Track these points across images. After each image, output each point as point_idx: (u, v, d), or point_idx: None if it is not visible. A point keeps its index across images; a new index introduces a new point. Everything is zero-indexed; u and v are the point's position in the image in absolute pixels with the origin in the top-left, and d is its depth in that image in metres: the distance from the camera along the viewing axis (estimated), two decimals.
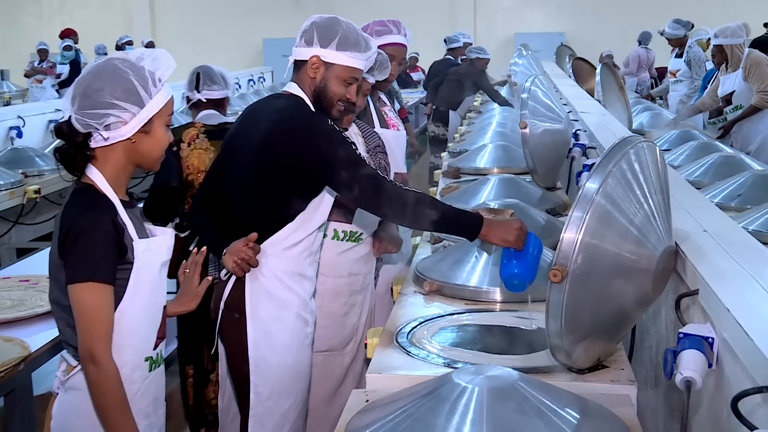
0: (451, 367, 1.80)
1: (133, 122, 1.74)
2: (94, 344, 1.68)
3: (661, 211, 1.70)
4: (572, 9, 14.05)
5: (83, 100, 1.72)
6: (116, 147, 1.75)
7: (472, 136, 5.08)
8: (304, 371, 2.32)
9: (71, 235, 1.68)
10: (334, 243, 2.58)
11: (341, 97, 2.24)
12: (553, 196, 3.33)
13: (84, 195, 1.74)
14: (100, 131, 1.72)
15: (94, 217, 1.70)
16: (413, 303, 2.26)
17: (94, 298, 1.68)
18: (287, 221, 2.21)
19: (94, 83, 1.72)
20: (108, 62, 1.77)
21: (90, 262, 1.68)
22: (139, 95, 1.73)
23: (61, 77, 10.75)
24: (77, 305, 1.68)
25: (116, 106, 1.71)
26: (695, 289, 1.65)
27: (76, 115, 1.72)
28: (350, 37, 2.21)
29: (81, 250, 1.68)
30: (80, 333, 1.69)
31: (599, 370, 1.76)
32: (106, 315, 1.70)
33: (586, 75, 7.28)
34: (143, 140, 1.77)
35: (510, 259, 2.02)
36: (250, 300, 2.24)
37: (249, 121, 2.29)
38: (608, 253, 1.60)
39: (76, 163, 1.75)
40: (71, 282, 1.68)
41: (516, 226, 2.04)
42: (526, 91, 3.38)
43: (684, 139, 4.48)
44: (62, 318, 1.77)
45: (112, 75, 1.73)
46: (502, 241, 2.03)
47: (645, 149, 1.68)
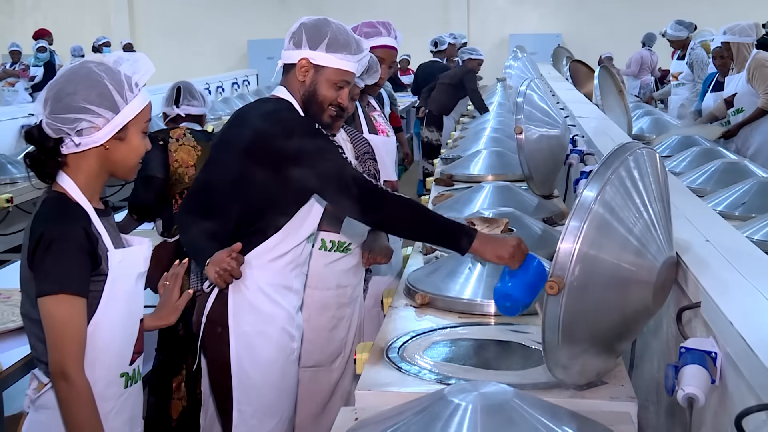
0: (443, 383, 1.79)
1: (107, 128, 1.73)
2: (65, 360, 1.67)
3: (662, 221, 1.71)
4: (569, 9, 14.13)
5: (55, 103, 1.71)
6: (89, 154, 1.75)
7: (466, 141, 5.10)
8: (290, 388, 2.31)
9: (41, 246, 1.67)
10: (321, 253, 2.58)
11: (332, 102, 2.24)
12: (550, 205, 3.34)
13: (55, 203, 1.74)
14: (72, 137, 1.72)
15: (66, 226, 1.70)
16: (404, 316, 2.26)
17: (65, 311, 1.67)
18: (273, 231, 2.21)
19: (67, 86, 1.72)
20: (82, 65, 1.76)
21: (61, 273, 1.67)
22: (114, 100, 1.73)
23: (35, 80, 10.71)
24: (47, 319, 1.67)
25: (89, 110, 1.71)
26: (697, 301, 1.65)
27: (47, 119, 1.72)
28: (340, 38, 2.21)
29: (52, 261, 1.67)
30: (50, 348, 1.68)
31: (598, 386, 1.76)
32: (77, 329, 1.69)
33: (584, 78, 7.31)
34: (117, 147, 1.76)
35: (505, 278, 2.01)
36: (233, 313, 2.23)
37: (235, 126, 2.29)
38: (607, 264, 1.61)
39: (46, 169, 1.75)
40: (41, 295, 1.67)
41: (513, 243, 2.03)
42: (521, 95, 3.39)
43: (685, 145, 4.51)
44: (33, 333, 1.76)
45: (85, 78, 1.73)
46: (496, 257, 2.03)
47: (645, 156, 1.69)
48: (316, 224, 2.28)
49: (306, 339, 2.52)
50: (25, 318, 1.78)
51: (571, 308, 1.57)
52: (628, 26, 11.58)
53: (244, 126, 2.23)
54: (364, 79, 2.75)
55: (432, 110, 7.66)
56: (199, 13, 14.72)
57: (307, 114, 2.24)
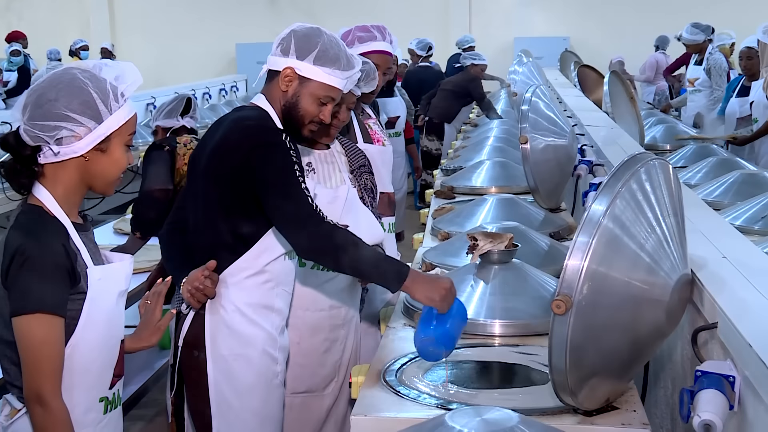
0: (444, 408, 1.80)
1: (88, 138, 1.74)
2: (41, 383, 1.67)
3: (675, 236, 1.72)
4: (578, 11, 14.19)
5: (35, 109, 1.72)
6: (68, 164, 1.75)
7: (468, 151, 5.11)
8: (274, 415, 2.31)
9: (16, 262, 1.67)
10: (313, 273, 2.58)
11: (313, 118, 2.25)
12: (557, 219, 3.36)
13: (31, 217, 1.74)
14: (51, 145, 1.72)
15: (42, 241, 1.70)
16: (403, 337, 2.26)
17: (41, 331, 1.67)
18: (245, 247, 2.22)
19: (49, 92, 1.73)
20: (66, 71, 1.77)
21: (37, 291, 1.67)
22: (98, 109, 1.73)
23: (8, 85, 10.72)
24: (22, 340, 1.67)
25: (70, 118, 1.71)
26: (714, 322, 1.66)
27: (25, 125, 1.72)
28: (330, 51, 2.22)
29: (27, 278, 1.67)
30: (25, 371, 1.68)
31: (609, 411, 1.77)
32: (54, 350, 1.69)
33: (593, 84, 7.35)
34: (98, 159, 1.76)
35: (430, 321, 2.01)
36: (210, 336, 2.23)
37: (208, 137, 2.31)
38: (617, 282, 1.62)
39: (21, 179, 1.74)
40: (16, 314, 1.67)
41: (445, 286, 2.03)
42: (526, 103, 3.41)
43: (701, 156, 4.52)
44: (5, 355, 1.76)
45: (68, 85, 1.73)
46: (426, 298, 2.03)
47: (657, 167, 1.70)
48: None
49: (297, 363, 2.52)
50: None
51: (579, 329, 1.58)
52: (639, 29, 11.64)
53: (215, 136, 2.25)
54: (360, 87, 2.77)
55: (432, 118, 7.68)
56: (184, 15, 14.75)
57: (286, 127, 2.24)
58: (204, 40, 14.57)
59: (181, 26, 14.66)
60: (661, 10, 13.09)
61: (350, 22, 3.38)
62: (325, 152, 2.69)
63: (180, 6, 14.83)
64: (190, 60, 14.16)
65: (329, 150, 2.71)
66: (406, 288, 2.06)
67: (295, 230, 2.14)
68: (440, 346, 1.98)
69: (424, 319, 2.02)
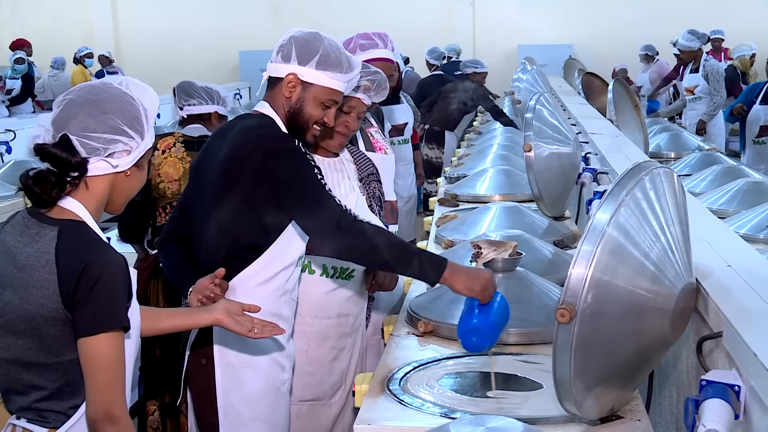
0: (448, 417, 1.80)
1: (135, 153, 1.76)
2: (114, 401, 1.65)
3: (680, 245, 1.72)
4: (582, 19, 14.20)
5: (87, 119, 1.70)
6: (105, 179, 1.75)
7: (472, 159, 5.12)
8: (281, 423, 2.31)
9: (85, 280, 1.63)
10: (322, 280, 2.58)
11: (317, 120, 2.27)
12: (561, 227, 3.36)
13: (82, 231, 1.71)
14: (103, 157, 1.71)
15: (110, 256, 1.68)
16: (406, 345, 2.26)
17: (117, 349, 1.66)
18: (256, 255, 2.22)
19: (102, 106, 1.72)
20: (108, 85, 1.78)
21: (113, 308, 1.65)
22: (143, 125, 1.76)
23: (12, 93, 10.74)
24: (97, 360, 1.64)
25: (126, 133, 1.73)
26: (719, 331, 1.66)
27: (77, 137, 1.69)
28: (332, 55, 2.23)
29: (101, 296, 1.64)
30: (96, 390, 1.65)
31: (613, 420, 1.77)
32: (123, 366, 1.69)
33: (597, 92, 7.36)
34: (135, 174, 1.79)
35: (472, 312, 2.04)
36: (218, 344, 2.24)
37: (213, 145, 2.31)
38: (621, 290, 1.62)
39: (52, 191, 1.70)
40: (91, 333, 1.64)
41: (486, 276, 2.07)
42: (530, 110, 3.42)
43: (706, 163, 4.52)
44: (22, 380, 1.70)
45: (119, 100, 1.75)
46: (467, 289, 2.05)
47: (662, 175, 1.70)
48: (303, 246, 2.29)
49: (305, 371, 2.52)
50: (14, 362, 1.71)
51: (583, 338, 1.58)
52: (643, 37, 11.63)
53: (221, 144, 2.25)
54: (371, 97, 2.76)
55: (433, 126, 7.67)
56: (187, 22, 14.79)
57: (291, 131, 2.25)
58: (207, 47, 14.60)
59: (185, 34, 14.70)
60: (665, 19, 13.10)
61: (353, 29, 3.39)
62: (333, 160, 2.69)
63: (183, 13, 14.88)
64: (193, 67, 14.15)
65: (338, 158, 2.71)
66: (445, 280, 2.08)
67: (330, 234, 2.13)
68: (484, 336, 2.00)
69: (466, 311, 2.04)
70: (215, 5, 14.72)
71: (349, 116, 2.63)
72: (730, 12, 12.81)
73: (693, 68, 7.83)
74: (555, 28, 14.25)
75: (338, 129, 2.63)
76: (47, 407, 1.70)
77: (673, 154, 5.48)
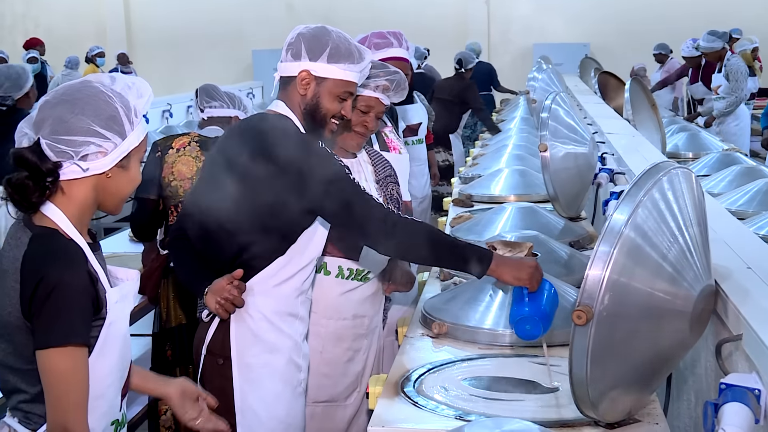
0: (463, 419, 1.80)
1: (113, 154, 1.70)
2: (69, 416, 1.63)
3: (699, 246, 1.71)
4: (598, 17, 14.16)
5: (58, 124, 1.66)
6: (85, 182, 1.70)
7: (486, 159, 5.11)
8: (297, 423, 2.32)
9: (41, 292, 1.61)
10: (337, 282, 2.58)
11: (335, 114, 2.27)
12: (577, 228, 3.35)
13: (50, 241, 1.67)
14: (76, 161, 1.67)
15: (69, 269, 1.64)
16: (420, 347, 2.26)
17: (70, 364, 1.63)
18: (276, 256, 2.22)
19: (74, 107, 1.68)
20: (85, 84, 1.74)
21: (66, 323, 1.62)
22: (123, 125, 1.70)
23: None
24: (49, 373, 1.63)
25: (98, 134, 1.67)
26: (738, 333, 1.65)
27: (47, 140, 1.66)
28: (342, 47, 2.24)
29: (55, 310, 1.61)
30: (51, 404, 1.64)
31: (630, 424, 1.76)
32: (82, 382, 1.65)
33: (614, 91, 7.33)
34: (119, 176, 1.73)
35: (522, 300, 2.04)
36: (236, 344, 2.24)
37: (229, 146, 2.29)
38: (639, 292, 1.61)
39: (31, 198, 1.66)
40: (43, 347, 1.62)
41: (532, 264, 2.06)
42: (546, 110, 3.41)
43: (725, 164, 4.50)
44: (9, 381, 1.72)
45: (94, 99, 1.70)
46: (514, 279, 2.05)
47: (680, 176, 1.70)
48: (321, 247, 2.30)
49: (320, 372, 2.52)
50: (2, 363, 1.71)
51: (600, 340, 1.58)
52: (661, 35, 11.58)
53: (241, 145, 2.24)
54: (390, 97, 2.75)
55: (436, 130, 7.63)
56: (200, 21, 14.85)
57: (309, 128, 2.26)
58: (220, 47, 14.66)
59: (198, 33, 14.77)
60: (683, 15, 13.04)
61: (367, 28, 3.40)
62: (351, 161, 2.69)
63: (196, 12, 14.93)
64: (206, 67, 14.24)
65: (356, 159, 2.71)
66: (492, 272, 2.08)
67: (376, 235, 2.13)
68: (537, 324, 2.00)
69: (517, 300, 2.04)
70: (228, 4, 14.77)
71: (367, 116, 2.64)
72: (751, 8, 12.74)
73: (719, 68, 7.80)
74: (571, 27, 14.20)
75: (356, 129, 2.63)
76: (30, 409, 1.71)
77: (691, 154, 5.45)
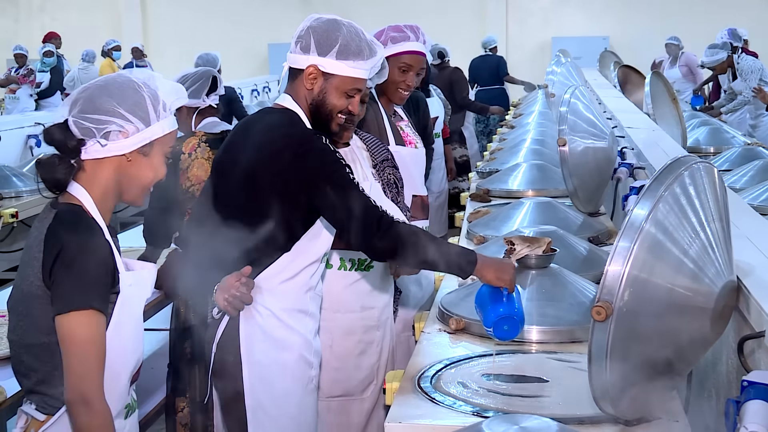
0: (480, 416, 1.80)
1: (135, 138, 1.79)
2: (87, 383, 1.67)
3: (721, 241, 1.70)
4: (618, 9, 14.07)
5: (86, 104, 1.77)
6: (107, 163, 1.78)
7: (504, 154, 5.10)
8: (309, 420, 2.32)
9: (62, 260, 1.69)
10: (341, 274, 2.58)
11: (342, 110, 2.26)
12: (596, 223, 3.34)
13: (72, 215, 1.76)
14: (98, 138, 1.76)
15: (89, 239, 1.73)
16: (438, 343, 2.27)
17: (90, 329, 1.68)
18: (281, 252, 2.23)
19: (103, 90, 1.79)
20: (121, 74, 1.85)
21: (85, 288, 1.69)
22: (147, 112, 1.79)
23: (41, 86, 10.86)
24: (68, 338, 1.68)
25: (121, 115, 1.77)
26: (761, 330, 1.64)
27: (74, 118, 1.76)
28: (352, 44, 2.22)
29: (74, 275, 1.69)
30: (70, 371, 1.68)
31: (650, 422, 1.76)
32: (100, 349, 1.70)
33: (634, 85, 7.29)
34: (139, 162, 1.81)
35: (499, 301, 2.06)
36: (246, 341, 2.25)
37: (237, 141, 2.31)
38: (659, 288, 1.60)
39: (58, 175, 1.76)
40: (63, 311, 1.68)
41: (512, 265, 2.11)
42: (565, 104, 3.40)
43: (747, 158, 4.47)
44: (24, 362, 1.76)
45: (123, 86, 1.80)
46: (498, 279, 2.08)
47: (701, 170, 1.69)
48: (329, 243, 2.30)
49: (332, 367, 2.53)
50: (18, 344, 1.78)
51: (619, 336, 1.57)
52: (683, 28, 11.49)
53: (247, 142, 2.25)
54: (372, 80, 2.75)
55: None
56: (216, 14, 14.88)
57: (315, 123, 2.26)
58: (236, 40, 14.68)
59: (213, 26, 14.80)
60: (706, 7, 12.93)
61: (384, 21, 3.39)
62: (345, 150, 2.69)
63: (212, 6, 14.97)
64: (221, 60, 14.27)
65: (349, 147, 2.71)
66: (477, 272, 2.10)
67: (365, 235, 2.15)
68: (515, 324, 2.04)
69: (492, 300, 2.07)
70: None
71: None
72: None
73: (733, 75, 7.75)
74: (590, 20, 14.12)
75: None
76: (43, 390, 1.75)
77: (712, 148, 5.43)
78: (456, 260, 2.12)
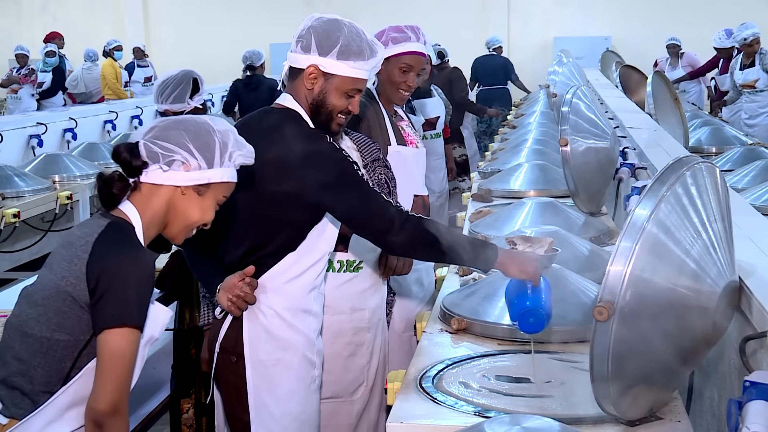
0: (482, 416, 1.80)
1: (195, 174, 1.87)
2: (120, 396, 1.75)
3: (723, 242, 1.70)
4: (619, 10, 14.05)
5: (160, 132, 1.86)
6: (162, 191, 1.86)
7: (506, 154, 5.10)
8: (312, 420, 2.32)
9: (110, 272, 1.74)
10: (330, 275, 2.57)
11: (342, 110, 2.27)
12: (598, 223, 3.33)
13: (125, 230, 1.82)
14: (161, 164, 1.84)
15: (139, 255, 1.79)
16: (439, 343, 2.26)
17: (131, 345, 1.75)
18: (286, 252, 2.23)
19: (180, 124, 1.89)
20: (201, 117, 1.95)
21: (132, 305, 1.75)
22: (214, 155, 1.88)
23: (43, 86, 10.86)
24: (110, 352, 1.74)
25: (189, 150, 1.86)
26: (763, 330, 1.64)
27: (145, 140, 1.85)
28: (353, 44, 2.22)
29: (123, 291, 1.74)
30: (109, 383, 1.74)
31: (652, 421, 1.76)
32: (132, 365, 1.78)
33: (636, 85, 7.29)
34: (192, 199, 1.88)
35: (525, 294, 2.04)
36: (249, 341, 2.25)
37: None
38: (661, 288, 1.60)
39: (114, 189, 1.83)
40: (110, 326, 1.73)
41: (536, 258, 2.08)
42: (566, 104, 3.39)
43: (749, 159, 4.46)
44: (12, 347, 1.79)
45: (199, 126, 1.90)
46: (521, 272, 2.06)
47: (703, 170, 1.69)
48: (332, 242, 2.30)
49: None
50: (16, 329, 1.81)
51: (621, 336, 1.57)
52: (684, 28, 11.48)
53: (251, 143, 2.24)
54: None
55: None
56: (217, 14, 14.88)
57: (316, 122, 2.26)
58: (238, 40, 14.65)
59: (215, 26, 14.80)
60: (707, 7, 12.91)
61: (386, 21, 3.39)
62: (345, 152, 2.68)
63: (214, 6, 14.97)
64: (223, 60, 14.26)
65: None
66: (500, 265, 2.09)
67: (385, 233, 2.16)
68: (541, 317, 2.02)
69: (517, 294, 2.05)
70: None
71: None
72: None
73: (747, 63, 7.72)
74: (592, 20, 14.10)
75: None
76: (18, 384, 1.77)
77: (714, 148, 5.42)
78: (476, 254, 2.11)
